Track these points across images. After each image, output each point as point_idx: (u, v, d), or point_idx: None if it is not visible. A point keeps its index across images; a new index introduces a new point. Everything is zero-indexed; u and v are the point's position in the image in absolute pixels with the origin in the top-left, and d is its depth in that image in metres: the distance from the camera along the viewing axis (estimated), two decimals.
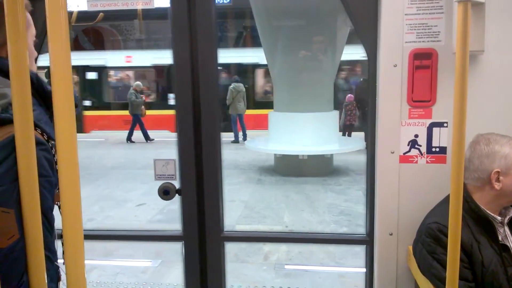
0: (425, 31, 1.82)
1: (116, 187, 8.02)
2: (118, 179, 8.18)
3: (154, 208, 6.59)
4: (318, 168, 8.51)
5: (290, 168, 8.58)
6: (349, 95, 12.22)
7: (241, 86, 12.26)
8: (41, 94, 1.12)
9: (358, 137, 10.78)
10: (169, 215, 6.24)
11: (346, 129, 11.85)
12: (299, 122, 8.29)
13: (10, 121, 0.79)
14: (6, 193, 0.88)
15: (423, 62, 1.83)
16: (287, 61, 8.40)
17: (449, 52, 1.81)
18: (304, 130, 8.27)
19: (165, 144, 11.98)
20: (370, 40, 1.91)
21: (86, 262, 0.70)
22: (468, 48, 0.81)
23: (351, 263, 4.56)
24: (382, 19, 1.84)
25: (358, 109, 11.84)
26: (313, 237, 2.48)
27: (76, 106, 1.15)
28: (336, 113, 8.97)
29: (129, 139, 12.94)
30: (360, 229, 5.59)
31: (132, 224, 6.10)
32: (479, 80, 1.80)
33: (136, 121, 12.85)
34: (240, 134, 12.38)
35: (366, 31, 1.92)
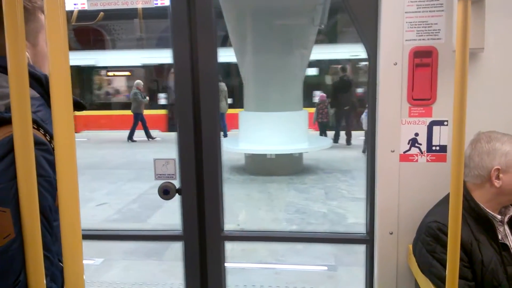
0: (425, 29, 1.82)
1: (83, 187, 7.92)
2: (87, 179, 8.15)
3: (114, 207, 6.65)
4: (287, 167, 8.57)
5: (259, 167, 8.68)
6: (321, 94, 12.35)
7: (223, 85, 12.38)
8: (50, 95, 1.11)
9: (330, 136, 11.18)
10: (127, 214, 6.34)
11: (322, 127, 12.01)
12: (268, 122, 8.38)
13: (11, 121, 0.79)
14: (3, 192, 0.88)
15: (423, 60, 1.83)
16: (255, 61, 8.48)
17: (450, 50, 1.80)
18: (273, 129, 8.35)
19: (155, 144, 12.05)
20: (370, 39, 1.91)
21: None
22: (468, 46, 0.81)
23: (291, 261, 4.63)
24: (382, 17, 1.84)
25: (331, 107, 11.93)
26: (312, 237, 2.48)
27: (84, 107, 1.15)
28: (305, 112, 9.01)
29: (130, 138, 12.95)
30: (310, 227, 5.74)
31: (87, 224, 6.07)
32: (479, 78, 1.79)
33: (139, 120, 12.87)
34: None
35: (366, 29, 1.92)
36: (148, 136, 12.97)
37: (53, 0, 0.60)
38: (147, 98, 13.08)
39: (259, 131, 8.39)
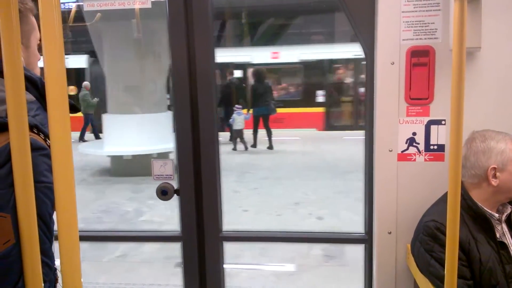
0: (422, 28, 1.82)
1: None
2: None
3: None
4: (143, 167, 8.67)
5: (118, 168, 8.90)
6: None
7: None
8: (45, 98, 1.11)
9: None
10: None
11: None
12: (129, 124, 8.62)
13: None
14: (3, 198, 0.88)
15: (420, 59, 1.83)
16: (114, 67, 8.71)
17: (446, 49, 1.80)
18: (130, 131, 8.56)
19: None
20: (367, 38, 1.91)
21: None
22: (465, 45, 0.81)
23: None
24: (379, 17, 1.84)
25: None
26: (311, 237, 2.47)
27: (77, 109, 1.15)
28: (169, 113, 9.13)
29: (81, 138, 13.00)
30: (101, 226, 5.87)
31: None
32: (476, 77, 1.80)
33: (89, 120, 12.96)
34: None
35: (363, 29, 1.92)
36: (97, 137, 13.00)
37: (48, 1, 0.60)
38: (96, 99, 13.06)
39: (119, 134, 8.69)
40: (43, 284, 0.77)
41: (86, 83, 13.14)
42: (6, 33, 0.62)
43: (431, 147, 1.88)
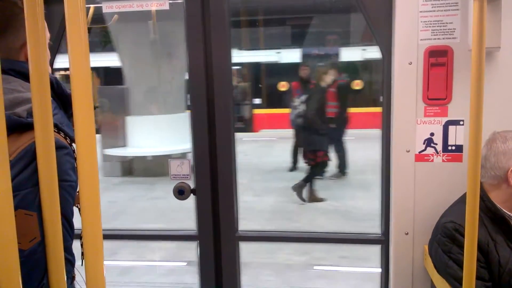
0: (440, 28, 1.81)
1: None
2: None
3: None
4: (160, 167, 8.64)
5: (140, 168, 8.96)
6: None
7: None
8: (61, 97, 1.13)
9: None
10: None
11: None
12: (150, 125, 8.71)
13: None
14: (29, 196, 0.91)
15: (438, 59, 1.82)
16: (135, 70, 8.76)
17: (465, 49, 1.79)
18: (154, 132, 8.63)
19: None
20: (384, 38, 1.90)
21: None
22: (485, 45, 0.80)
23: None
24: (397, 17, 1.83)
25: None
26: (327, 237, 2.48)
27: (95, 108, 1.17)
28: (186, 114, 9.03)
29: None
30: None
31: None
32: (495, 77, 1.78)
33: None
34: None
35: (381, 29, 1.91)
36: None
37: (73, 3, 0.61)
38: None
39: (144, 134, 8.77)
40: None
41: None
42: (32, 36, 0.64)
43: (449, 147, 1.86)
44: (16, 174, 0.92)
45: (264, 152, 10.62)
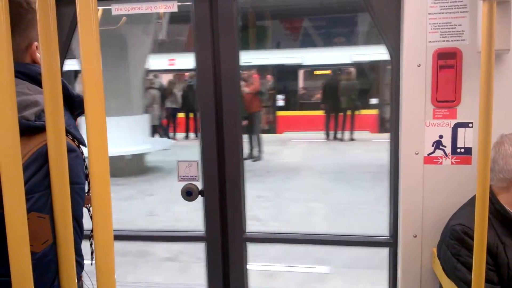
0: (449, 30, 1.80)
1: None
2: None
3: None
4: (127, 168, 8.72)
5: None
6: None
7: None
8: (67, 99, 1.13)
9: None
10: None
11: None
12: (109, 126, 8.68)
13: (44, 129, 0.80)
14: (42, 199, 0.91)
15: (447, 61, 1.81)
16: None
17: (474, 51, 1.78)
18: (113, 133, 8.51)
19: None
20: (393, 40, 1.90)
21: None
22: (494, 47, 0.80)
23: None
24: (405, 19, 1.82)
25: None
26: (335, 239, 2.47)
27: None
28: (145, 116, 9.20)
29: None
30: None
31: None
32: (504, 80, 1.77)
33: None
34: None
35: (389, 31, 1.91)
36: None
37: (85, 4, 0.62)
38: None
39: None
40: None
41: None
42: (44, 40, 0.65)
43: (458, 150, 1.85)
44: (29, 177, 0.92)
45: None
